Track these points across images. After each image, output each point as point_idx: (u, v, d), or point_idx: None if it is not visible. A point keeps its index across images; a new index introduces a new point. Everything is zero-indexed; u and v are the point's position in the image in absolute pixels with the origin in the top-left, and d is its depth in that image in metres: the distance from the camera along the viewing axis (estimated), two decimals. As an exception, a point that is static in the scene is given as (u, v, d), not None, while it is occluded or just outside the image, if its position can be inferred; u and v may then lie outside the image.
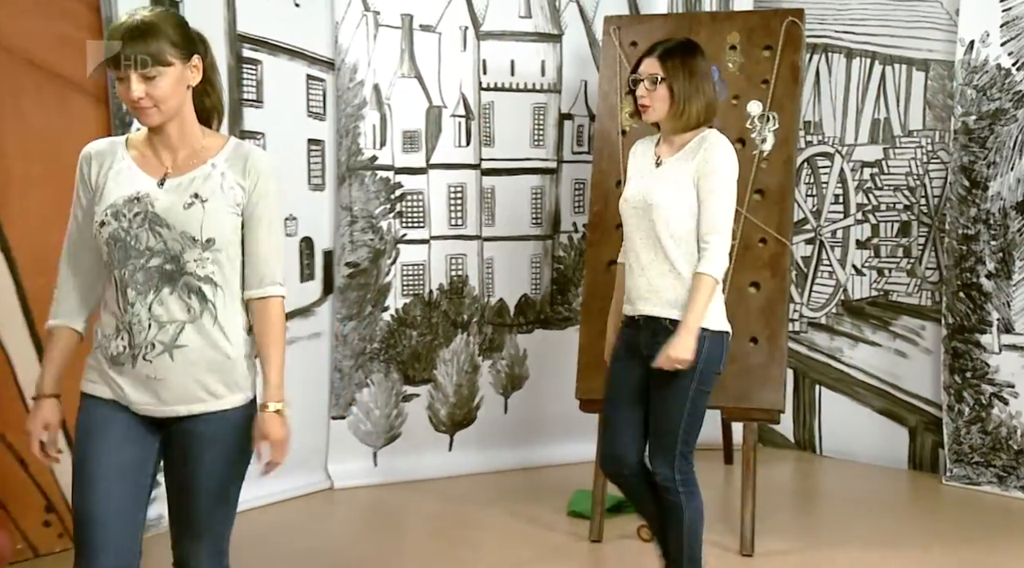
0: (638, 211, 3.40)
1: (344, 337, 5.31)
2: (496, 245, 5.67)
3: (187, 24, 2.53)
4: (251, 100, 4.89)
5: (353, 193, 5.29)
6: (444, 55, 5.48)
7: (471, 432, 5.60)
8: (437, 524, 4.93)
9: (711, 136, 3.41)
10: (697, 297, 3.28)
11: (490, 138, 5.62)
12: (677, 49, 3.39)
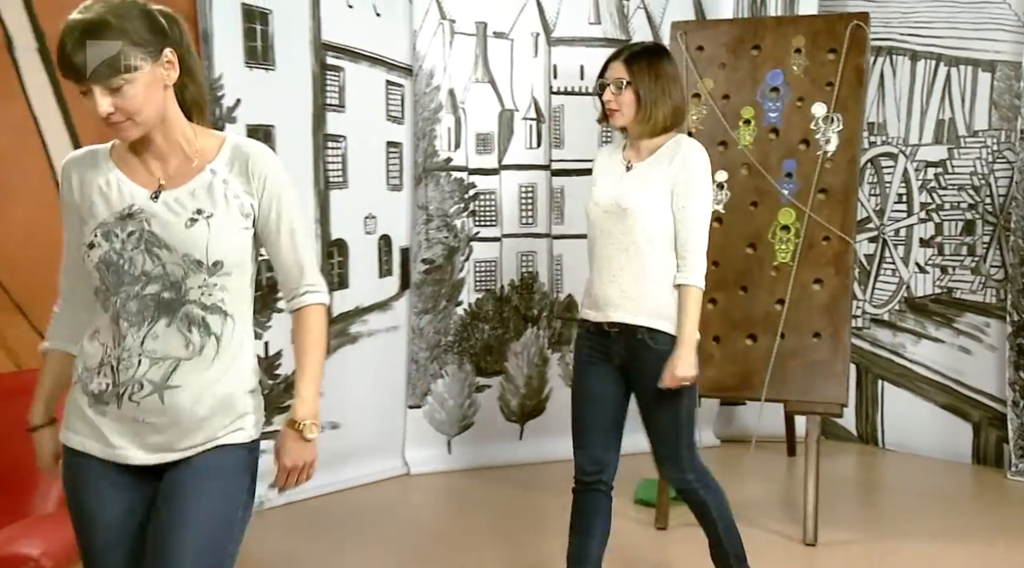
0: (610, 215, 3.25)
1: (420, 330, 5.41)
2: (565, 243, 5.71)
3: (152, 12, 2.03)
4: (334, 105, 5.01)
5: (429, 193, 5.39)
6: (516, 61, 5.56)
7: (541, 422, 5.67)
8: (508, 510, 5.00)
9: (685, 142, 3.28)
10: (688, 310, 3.19)
11: (560, 140, 5.68)
12: (643, 53, 3.27)
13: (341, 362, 5.01)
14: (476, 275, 5.54)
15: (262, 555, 4.29)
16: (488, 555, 4.29)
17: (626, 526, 4.55)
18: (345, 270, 5.09)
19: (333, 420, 4.98)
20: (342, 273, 5.08)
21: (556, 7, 5.58)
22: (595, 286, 3.33)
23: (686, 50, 4.78)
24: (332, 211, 5.00)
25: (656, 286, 3.22)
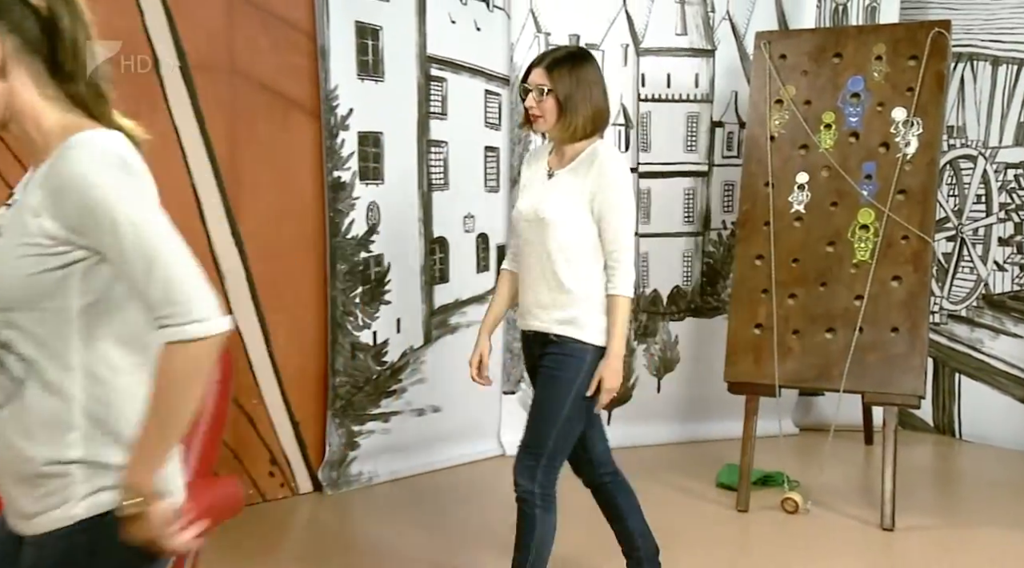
0: (531, 224, 3.08)
1: (514, 321, 5.52)
2: (651, 241, 5.78)
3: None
4: (437, 113, 5.15)
5: (524, 194, 5.51)
6: (607, 70, 5.53)
7: (627, 409, 5.74)
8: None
9: (602, 150, 3.07)
10: (617, 321, 3.00)
11: (647, 144, 5.75)
12: (565, 59, 3.06)
13: (441, 351, 5.17)
14: (568, 271, 5.64)
15: (369, 528, 4.47)
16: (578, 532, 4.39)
17: (708, 509, 4.63)
18: (446, 266, 5.24)
19: (434, 404, 5.16)
20: (443, 268, 5.23)
21: (645, 20, 5.66)
22: (521, 293, 3.20)
23: (769, 58, 4.85)
24: (434, 211, 5.15)
25: (568, 296, 3.03)
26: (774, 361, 4.56)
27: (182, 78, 4.25)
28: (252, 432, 4.56)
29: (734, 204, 5.66)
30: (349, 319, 4.82)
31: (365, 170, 4.83)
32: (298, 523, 4.49)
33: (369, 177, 4.85)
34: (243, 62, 4.44)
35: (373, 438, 4.93)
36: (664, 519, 4.48)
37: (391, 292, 4.98)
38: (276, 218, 4.58)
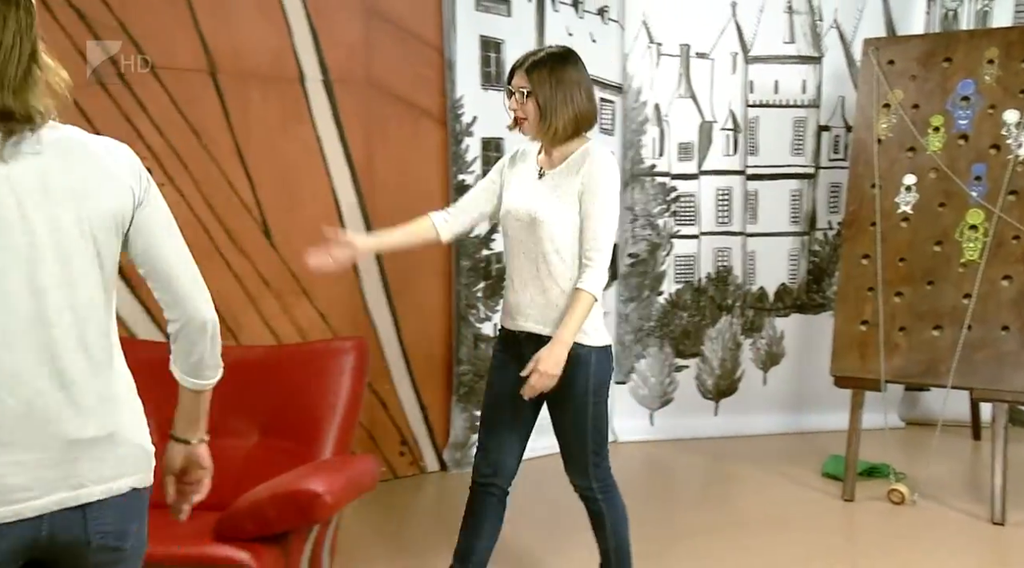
0: (521, 224, 2.84)
1: (626, 316, 5.48)
2: (758, 240, 5.65)
3: None
4: (555, 119, 5.12)
5: (635, 196, 5.44)
6: (716, 77, 5.53)
7: (734, 400, 5.63)
8: (704, 477, 5.01)
9: (594, 151, 2.83)
10: (574, 313, 2.72)
11: (755, 148, 5.61)
12: (545, 60, 2.81)
13: (559, 343, 5.14)
14: (676, 268, 5.55)
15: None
16: (687, 514, 4.32)
17: (814, 497, 4.49)
18: (563, 263, 5.20)
19: (551, 393, 5.12)
20: (560, 266, 5.19)
21: (753, 29, 5.51)
22: (508, 294, 2.93)
23: (877, 64, 4.65)
24: (552, 212, 5.12)
25: (565, 297, 2.79)
26: (880, 357, 4.38)
27: (324, 90, 4.31)
28: (384, 415, 4.60)
29: (840, 205, 5.47)
30: (472, 312, 4.82)
31: (487, 173, 4.80)
32: (425, 499, 4.51)
33: (492, 180, 4.82)
34: (378, 75, 4.48)
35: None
36: (770, 505, 4.40)
37: (512, 287, 4.95)
38: (406, 217, 4.55)
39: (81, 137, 1.60)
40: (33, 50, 1.53)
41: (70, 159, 1.55)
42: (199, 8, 3.97)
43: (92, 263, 1.56)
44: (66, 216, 1.52)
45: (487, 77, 4.81)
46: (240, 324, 4.11)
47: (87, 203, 1.55)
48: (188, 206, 3.98)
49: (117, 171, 1.60)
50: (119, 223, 1.60)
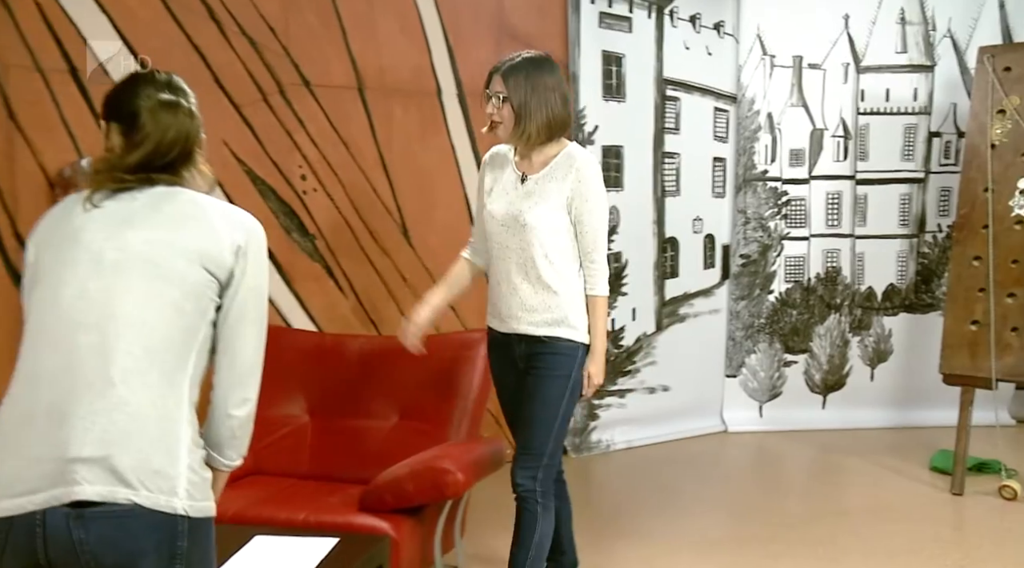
0: (507, 229, 2.64)
1: (737, 313, 5.33)
2: (867, 242, 5.42)
3: None
4: (670, 128, 5.02)
5: (747, 199, 5.29)
6: (827, 87, 5.33)
7: (841, 394, 5.41)
8: (812, 467, 4.84)
9: (579, 156, 2.63)
10: (598, 320, 2.64)
11: (864, 154, 5.38)
12: (521, 66, 2.60)
13: (671, 337, 5.06)
14: (786, 268, 5.37)
15: (606, 488, 4.42)
16: (796, 502, 4.18)
17: (922, 490, 4.27)
18: (676, 263, 5.11)
19: (664, 383, 5.03)
20: (673, 265, 5.10)
21: (865, 40, 5.28)
22: (497, 297, 2.73)
23: (993, 71, 4.37)
24: (667, 214, 5.03)
25: (556, 298, 2.63)
26: (991, 356, 4.12)
27: (458, 103, 4.34)
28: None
29: (950, 209, 5.18)
30: (593, 307, 4.76)
31: (607, 179, 4.71)
32: (547, 480, 4.48)
33: (610, 185, 4.78)
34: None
35: (611, 411, 4.86)
36: (878, 496, 4.21)
37: (628, 285, 4.89)
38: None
39: (195, 195, 1.62)
40: (190, 151, 1.65)
41: (165, 201, 1.58)
42: (350, 31, 4.05)
43: (158, 286, 1.51)
44: (135, 240, 1.53)
45: (608, 89, 4.76)
46: (381, 316, 4.17)
47: (160, 232, 1.55)
48: (337, 209, 4.07)
49: (217, 222, 1.58)
50: (203, 261, 1.55)
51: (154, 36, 3.63)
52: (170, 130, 1.59)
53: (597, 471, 4.59)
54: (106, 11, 3.54)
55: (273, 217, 3.91)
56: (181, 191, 1.61)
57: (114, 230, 1.54)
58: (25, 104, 3.43)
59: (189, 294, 1.53)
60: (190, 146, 1.63)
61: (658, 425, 5.01)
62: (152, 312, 1.50)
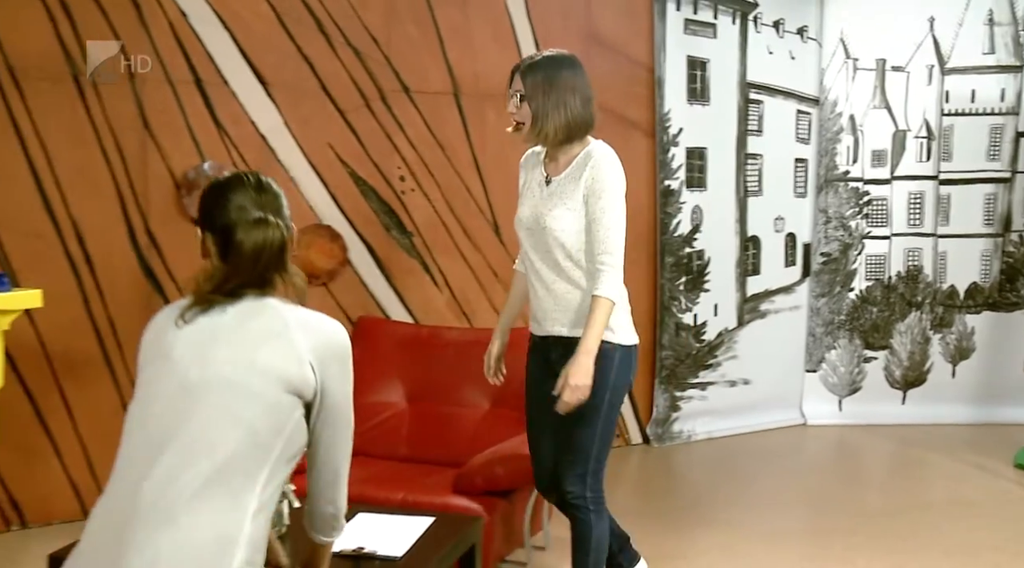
0: (532, 232, 2.43)
1: (817, 310, 5.16)
2: (949, 241, 5.18)
3: None
4: (753, 130, 4.89)
5: (828, 199, 5.11)
6: (911, 89, 5.10)
7: (922, 390, 5.19)
8: (891, 461, 4.65)
9: (596, 152, 2.40)
10: (593, 321, 2.31)
11: (948, 154, 5.13)
12: (540, 65, 2.39)
13: (752, 332, 4.93)
14: (867, 266, 5.17)
15: (686, 476, 4.33)
16: (876, 495, 4.02)
17: (1006, 487, 4.06)
18: (758, 260, 4.97)
19: (745, 377, 4.91)
20: (755, 262, 4.96)
21: (951, 42, 5.03)
22: (534, 301, 2.51)
23: (1083, 70, 4.10)
24: (749, 214, 4.90)
25: (585, 298, 2.38)
26: (1079, 356, 3.87)
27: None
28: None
29: (1037, 208, 4.89)
30: (674, 303, 4.68)
31: (691, 179, 4.68)
32: (629, 467, 4.43)
33: (694, 185, 4.69)
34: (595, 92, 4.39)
35: (692, 403, 4.77)
36: (959, 490, 4.03)
37: (710, 281, 4.78)
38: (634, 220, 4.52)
39: (281, 308, 1.55)
40: (282, 261, 1.58)
41: (251, 317, 1.53)
42: (447, 40, 4.05)
43: (235, 406, 1.46)
44: (219, 359, 1.48)
45: (693, 93, 4.66)
46: (474, 309, 4.18)
47: (242, 350, 1.49)
48: (433, 209, 4.09)
49: (297, 339, 1.51)
50: (283, 381, 1.49)
51: (269, 49, 3.71)
52: (264, 250, 1.54)
53: (678, 461, 4.51)
54: (228, 27, 3.63)
55: (374, 215, 3.95)
56: (268, 304, 1.55)
57: (201, 349, 1.50)
58: (156, 112, 3.55)
59: (266, 413, 1.48)
60: (283, 256, 1.57)
61: (738, 417, 4.89)
62: (223, 432, 1.44)
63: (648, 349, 4.66)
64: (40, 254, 3.38)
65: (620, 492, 4.02)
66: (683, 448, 4.66)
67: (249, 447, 1.46)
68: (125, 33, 3.46)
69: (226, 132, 3.66)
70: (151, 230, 3.56)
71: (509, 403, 3.15)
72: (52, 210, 3.41)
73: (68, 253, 3.43)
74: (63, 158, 3.41)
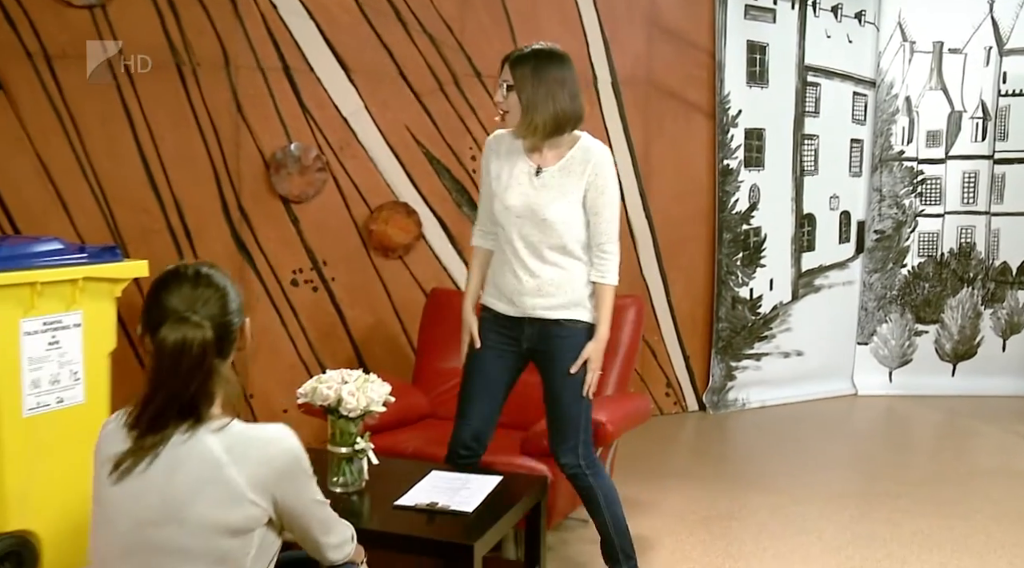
0: (524, 220, 2.33)
1: (870, 285, 4.95)
2: (1003, 219, 4.93)
3: None
4: (810, 112, 4.68)
5: (883, 178, 4.88)
6: (968, 70, 4.82)
7: (971, 363, 4.97)
8: (940, 431, 4.46)
9: (596, 149, 2.33)
10: (604, 306, 2.33)
11: (1004, 134, 4.85)
12: (529, 57, 2.29)
13: (806, 306, 4.76)
14: (920, 243, 4.94)
15: (740, 442, 4.22)
16: (925, 462, 3.85)
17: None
18: (813, 237, 4.78)
19: (798, 348, 4.75)
20: (810, 239, 4.78)
21: (1011, 23, 4.73)
22: (507, 280, 2.40)
23: None
24: (805, 192, 4.71)
25: (572, 283, 2.35)
26: None
27: (612, 91, 4.20)
28: (654, 362, 4.46)
29: (1096, 186, 4.59)
30: (731, 277, 4.54)
31: (749, 159, 4.52)
32: (685, 433, 4.34)
33: (752, 165, 4.53)
34: (657, 76, 4.29)
35: (747, 373, 4.64)
36: (1009, 462, 3.85)
37: (766, 257, 4.63)
38: (677, 197, 4.42)
39: (210, 444, 1.31)
40: (206, 369, 1.33)
41: (175, 467, 1.31)
42: (517, 27, 3.96)
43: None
44: (151, 519, 1.31)
45: (752, 76, 4.48)
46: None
47: (172, 509, 1.30)
48: (504, 187, 4.02)
49: (234, 478, 1.30)
50: (226, 531, 1.31)
51: (352, 37, 3.68)
52: (183, 353, 1.29)
53: (732, 427, 4.39)
54: (314, 18, 3.61)
55: (447, 193, 3.91)
56: (196, 443, 1.31)
57: (132, 517, 1.31)
58: (248, 98, 3.56)
59: (218, 562, 1.31)
60: (204, 361, 1.32)
61: (791, 387, 4.75)
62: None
63: (705, 321, 4.55)
64: (146, 228, 3.45)
65: (677, 456, 3.95)
66: (737, 415, 4.55)
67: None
68: (222, 25, 3.47)
69: (311, 115, 3.66)
70: (243, 206, 3.59)
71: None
72: (157, 188, 3.46)
73: (170, 227, 3.49)
74: (166, 140, 3.45)
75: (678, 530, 3.03)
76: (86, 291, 2.58)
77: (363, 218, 3.75)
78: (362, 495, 2.18)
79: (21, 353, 2.41)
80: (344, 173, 3.72)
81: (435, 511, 2.09)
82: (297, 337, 3.69)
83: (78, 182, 3.33)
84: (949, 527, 3.06)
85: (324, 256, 3.70)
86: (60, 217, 3.31)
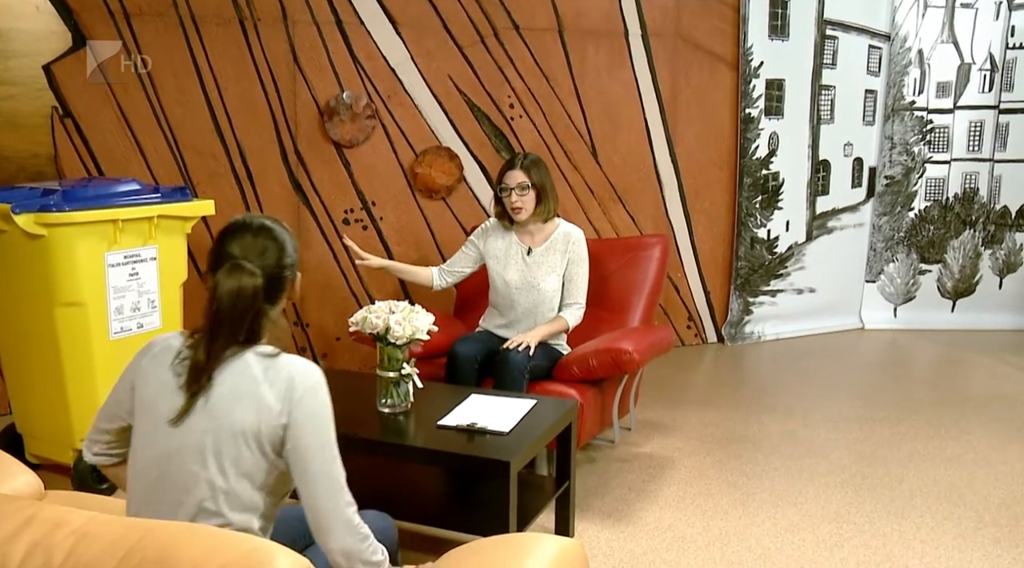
0: (521, 291, 2.67)
1: (879, 227, 4.67)
2: (1005, 166, 4.58)
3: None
4: (828, 64, 4.35)
5: (894, 127, 4.55)
6: (978, 24, 4.43)
7: (970, 300, 4.71)
8: (939, 361, 4.25)
9: (574, 234, 2.70)
10: (549, 326, 2.62)
11: (1010, 85, 4.49)
12: (535, 160, 2.68)
13: (819, 247, 4.52)
14: (927, 189, 4.63)
15: (756, 371, 4.06)
16: (924, 389, 3.67)
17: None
18: (827, 182, 4.50)
19: (811, 286, 4.53)
20: (824, 184, 4.50)
21: (1027, -26, 4.29)
22: (499, 321, 2.73)
23: None
24: (821, 140, 4.42)
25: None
26: None
27: (642, 42, 3.93)
28: (676, 296, 4.28)
29: (1099, 133, 4.22)
30: (750, 219, 4.30)
31: (769, 108, 4.23)
32: (705, 363, 4.19)
33: (772, 113, 4.24)
34: (684, 29, 4.00)
35: (763, 308, 4.44)
36: (1002, 388, 3.68)
37: (783, 200, 4.37)
38: (702, 143, 4.16)
39: (253, 362, 1.26)
40: (256, 311, 1.28)
41: (226, 378, 1.26)
42: (552, -18, 3.69)
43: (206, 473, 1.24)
44: (195, 427, 1.24)
45: (774, 29, 4.16)
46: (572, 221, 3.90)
47: (215, 419, 1.24)
48: (538, 133, 3.82)
49: (266, 395, 1.25)
50: (257, 440, 1.24)
51: (397, -8, 3.45)
52: (238, 298, 1.25)
53: (748, 358, 4.23)
54: (363, -27, 3.38)
55: (486, 138, 3.71)
56: (239, 361, 1.27)
57: (173, 429, 1.25)
58: (304, 49, 3.40)
59: (244, 476, 1.25)
60: (255, 304, 1.27)
61: (803, 321, 4.54)
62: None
63: (726, 259, 4.35)
64: (212, 170, 3.34)
65: (697, 384, 3.81)
66: (753, 347, 4.37)
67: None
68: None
69: (361, 66, 3.47)
70: (299, 150, 3.45)
71: (603, 305, 2.96)
72: (222, 133, 3.34)
73: (234, 169, 3.37)
74: (230, 90, 3.32)
75: (697, 450, 2.93)
76: (160, 227, 2.55)
77: (409, 162, 3.58)
78: (408, 415, 2.11)
79: (107, 283, 2.44)
80: (391, 119, 3.54)
81: (474, 430, 2.00)
82: (348, 271, 3.58)
83: (153, 129, 3.24)
84: (943, 446, 2.95)
85: (373, 197, 3.56)
86: (138, 161, 3.23)
